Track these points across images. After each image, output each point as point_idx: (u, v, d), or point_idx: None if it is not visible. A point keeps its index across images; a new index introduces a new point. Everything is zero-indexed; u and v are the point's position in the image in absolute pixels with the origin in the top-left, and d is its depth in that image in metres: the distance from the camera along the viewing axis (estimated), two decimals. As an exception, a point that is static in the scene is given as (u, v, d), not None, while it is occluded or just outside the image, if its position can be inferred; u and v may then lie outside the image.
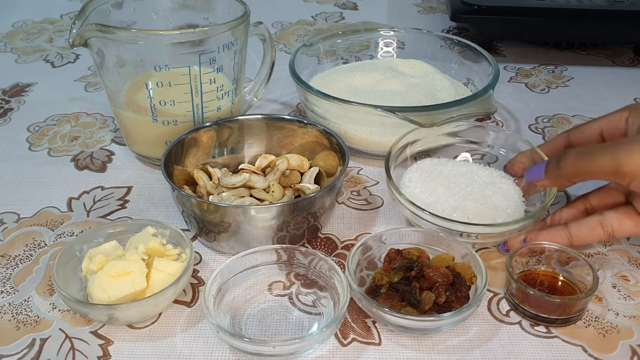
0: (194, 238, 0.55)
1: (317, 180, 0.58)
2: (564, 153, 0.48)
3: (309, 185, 0.57)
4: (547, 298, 0.45)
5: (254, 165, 0.59)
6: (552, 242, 0.50)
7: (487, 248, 0.54)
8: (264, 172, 0.59)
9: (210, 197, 0.55)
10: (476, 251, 0.49)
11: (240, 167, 0.59)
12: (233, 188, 0.56)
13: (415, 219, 0.52)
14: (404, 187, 0.56)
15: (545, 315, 0.46)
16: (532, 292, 0.45)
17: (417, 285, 0.46)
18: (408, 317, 0.44)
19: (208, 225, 0.51)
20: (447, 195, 0.54)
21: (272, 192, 0.55)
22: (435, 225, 0.51)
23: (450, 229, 0.50)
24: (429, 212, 0.50)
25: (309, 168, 0.59)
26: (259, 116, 0.61)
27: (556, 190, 0.52)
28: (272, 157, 0.59)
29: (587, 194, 0.54)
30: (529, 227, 0.51)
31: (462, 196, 0.54)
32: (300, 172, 0.59)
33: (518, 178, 0.57)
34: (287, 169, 0.58)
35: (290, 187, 0.57)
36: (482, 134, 0.61)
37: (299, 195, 0.57)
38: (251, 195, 0.55)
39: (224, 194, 0.55)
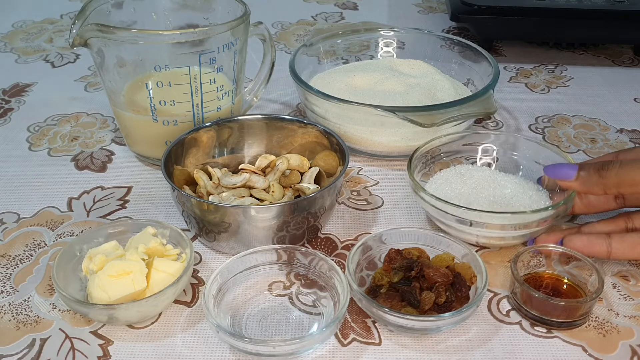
0: (194, 238, 0.55)
1: (317, 180, 0.58)
2: (607, 162, 0.47)
3: (309, 185, 0.56)
4: (551, 301, 0.45)
5: (254, 165, 0.59)
6: (589, 250, 0.48)
7: (488, 248, 0.54)
8: (264, 172, 0.59)
9: (210, 197, 0.55)
10: (476, 251, 0.49)
11: (240, 167, 0.59)
12: (233, 188, 0.56)
13: (434, 211, 0.52)
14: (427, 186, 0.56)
15: (550, 319, 0.46)
16: (536, 295, 0.45)
17: (417, 285, 0.46)
18: (408, 317, 0.44)
19: (208, 225, 0.51)
20: (472, 195, 0.54)
21: (272, 192, 0.55)
22: (451, 215, 0.50)
23: (466, 218, 0.50)
24: (445, 200, 0.50)
25: (309, 168, 0.59)
26: (259, 116, 0.61)
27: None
28: (272, 157, 0.59)
29: (630, 213, 0.51)
30: (547, 220, 0.49)
31: (484, 197, 0.54)
32: (300, 172, 0.59)
33: (551, 192, 0.55)
34: (287, 169, 0.58)
35: (290, 187, 0.57)
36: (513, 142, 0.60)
37: (299, 195, 0.57)
38: (251, 195, 0.55)
39: (224, 194, 0.55)
